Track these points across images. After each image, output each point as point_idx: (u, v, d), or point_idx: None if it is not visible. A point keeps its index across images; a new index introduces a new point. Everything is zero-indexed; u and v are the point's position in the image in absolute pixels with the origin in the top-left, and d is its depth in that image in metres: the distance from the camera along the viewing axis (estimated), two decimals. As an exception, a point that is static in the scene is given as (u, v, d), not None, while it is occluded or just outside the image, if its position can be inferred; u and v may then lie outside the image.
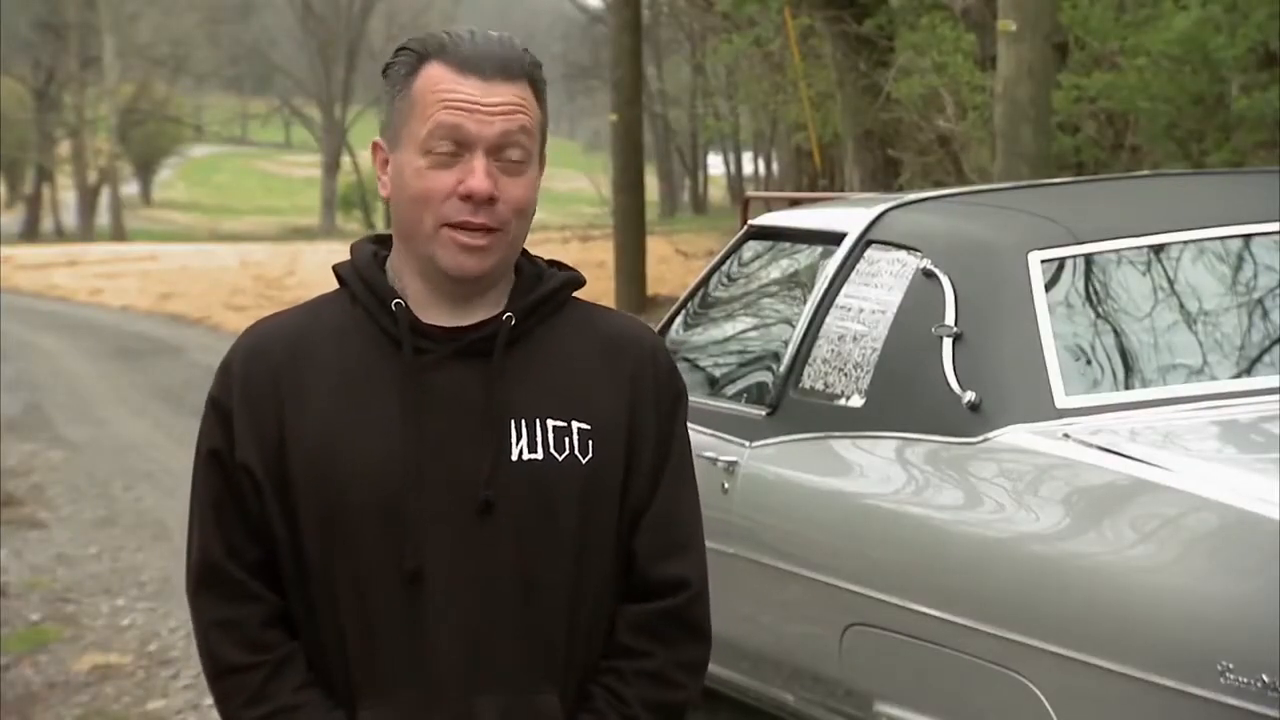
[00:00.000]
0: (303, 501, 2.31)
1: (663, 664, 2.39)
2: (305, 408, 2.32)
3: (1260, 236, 4.42)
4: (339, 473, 2.30)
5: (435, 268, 2.32)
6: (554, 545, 2.32)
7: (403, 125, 2.32)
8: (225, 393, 2.36)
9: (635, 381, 2.40)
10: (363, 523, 2.29)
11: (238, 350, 2.39)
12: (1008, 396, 4.03)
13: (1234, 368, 4.18)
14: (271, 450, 2.32)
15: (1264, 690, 3.12)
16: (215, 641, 2.35)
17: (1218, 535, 3.44)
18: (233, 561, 2.35)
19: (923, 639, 3.98)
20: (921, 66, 13.46)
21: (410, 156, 2.31)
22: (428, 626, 2.29)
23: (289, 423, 2.32)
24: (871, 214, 4.81)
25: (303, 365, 2.33)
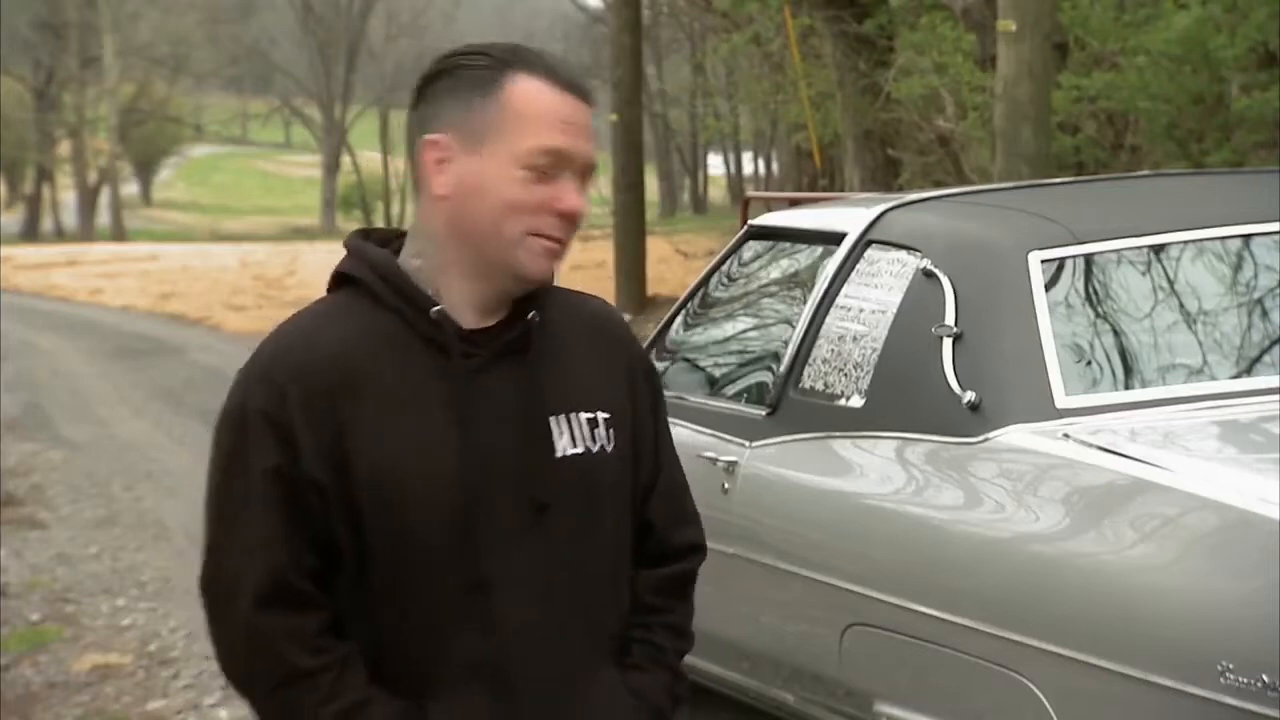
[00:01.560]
0: (369, 516, 2.32)
1: (681, 618, 2.57)
2: (364, 424, 2.32)
3: (1260, 236, 4.42)
4: (405, 488, 2.32)
5: (507, 271, 2.35)
6: (600, 535, 2.42)
7: (491, 132, 2.32)
8: (277, 407, 2.32)
9: (627, 361, 2.51)
10: (430, 535, 2.33)
11: (280, 364, 2.35)
12: (1008, 396, 4.03)
13: (1234, 368, 4.18)
14: (336, 466, 2.31)
15: (1264, 690, 3.12)
16: (286, 650, 2.32)
17: (1218, 535, 3.43)
18: (298, 574, 2.33)
19: (923, 639, 3.98)
20: (921, 66, 13.46)
21: (503, 166, 2.32)
22: (494, 625, 2.35)
23: (350, 439, 2.31)
24: (871, 214, 4.81)
25: (356, 381, 2.33)
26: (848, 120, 15.17)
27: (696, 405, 5.08)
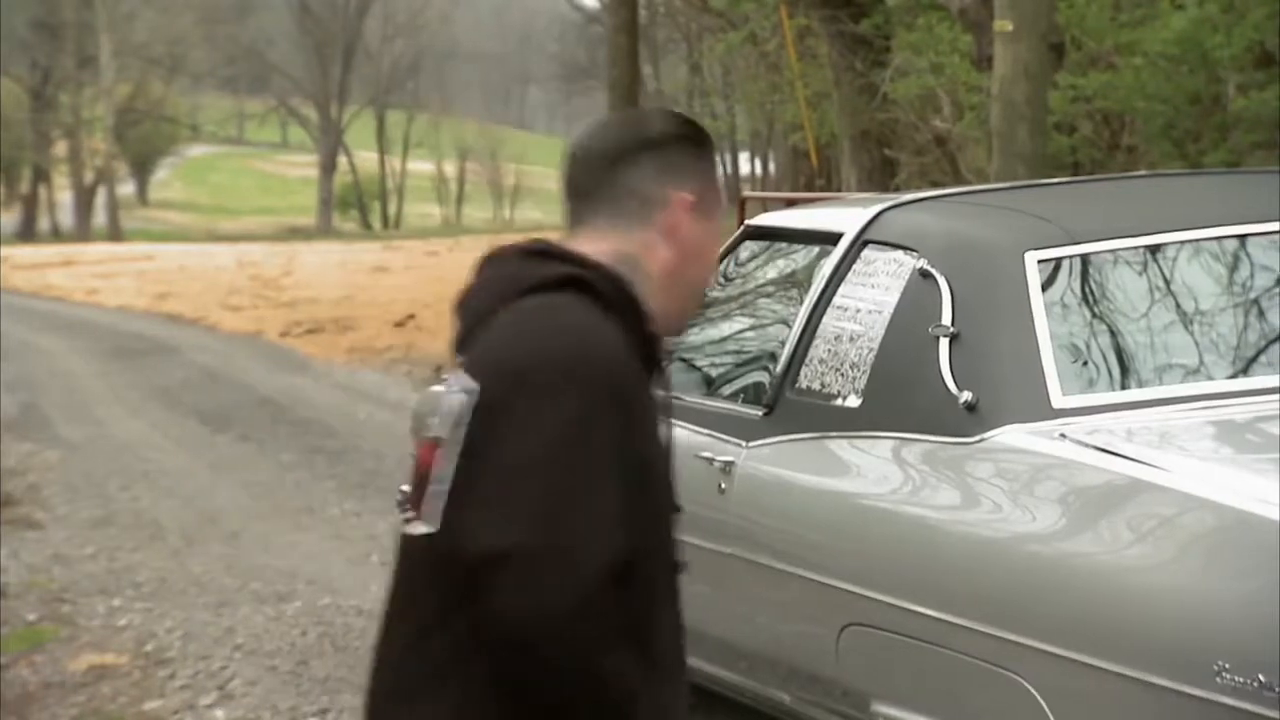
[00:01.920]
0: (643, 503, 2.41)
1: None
2: (639, 416, 2.43)
3: (1257, 236, 4.42)
4: (659, 480, 2.48)
5: (681, 320, 2.64)
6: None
7: (716, 210, 2.60)
8: (614, 386, 2.37)
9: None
10: (665, 522, 2.50)
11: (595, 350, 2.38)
12: (1004, 396, 4.03)
13: (1230, 368, 4.18)
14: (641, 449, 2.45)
15: (1260, 690, 3.12)
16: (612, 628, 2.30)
17: (1214, 535, 3.44)
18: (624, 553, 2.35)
19: (919, 639, 3.98)
20: (918, 66, 13.47)
21: (715, 242, 2.62)
22: (678, 610, 2.53)
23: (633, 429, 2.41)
24: (868, 214, 4.81)
25: (634, 377, 2.44)
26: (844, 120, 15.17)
27: (693, 405, 5.08)
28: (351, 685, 6.39)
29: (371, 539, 8.92)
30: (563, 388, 2.34)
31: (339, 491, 10.28)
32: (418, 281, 26.23)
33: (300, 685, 6.43)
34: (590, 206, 2.52)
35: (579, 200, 2.54)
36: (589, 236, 2.52)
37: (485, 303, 2.48)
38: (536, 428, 2.33)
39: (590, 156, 2.54)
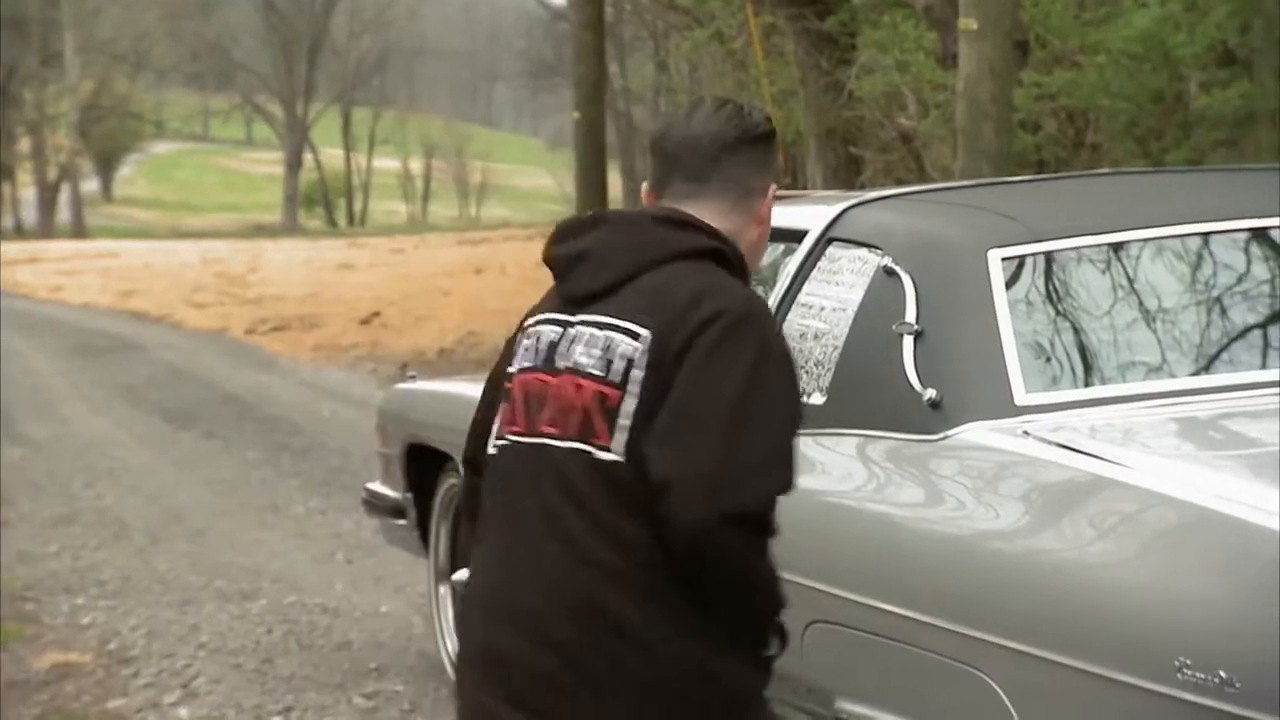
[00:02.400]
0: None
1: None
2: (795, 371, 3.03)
3: (1219, 234, 4.44)
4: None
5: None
6: None
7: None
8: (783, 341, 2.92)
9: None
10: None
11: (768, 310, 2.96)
12: (968, 394, 4.04)
13: (1193, 365, 4.19)
14: None
15: (1221, 686, 3.13)
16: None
17: (1177, 532, 3.45)
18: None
19: (884, 636, 3.98)
20: (883, 64, 13.49)
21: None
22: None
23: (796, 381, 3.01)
24: (833, 211, 4.82)
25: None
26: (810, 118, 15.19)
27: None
28: (316, 683, 6.39)
29: (336, 536, 8.91)
30: (748, 339, 2.74)
31: (304, 489, 10.27)
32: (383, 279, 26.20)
33: (265, 683, 6.42)
34: (700, 186, 2.90)
35: (687, 180, 2.91)
36: (697, 210, 2.90)
37: (631, 262, 2.82)
38: (728, 372, 2.70)
39: (700, 144, 2.91)
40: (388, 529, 6.80)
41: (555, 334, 2.89)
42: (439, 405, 6.50)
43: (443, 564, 6.31)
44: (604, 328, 2.80)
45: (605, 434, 2.77)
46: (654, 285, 2.80)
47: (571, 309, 2.87)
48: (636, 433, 2.74)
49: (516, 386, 2.91)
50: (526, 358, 2.93)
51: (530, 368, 2.90)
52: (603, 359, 2.79)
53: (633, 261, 2.84)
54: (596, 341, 2.80)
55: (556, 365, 2.85)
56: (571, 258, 2.90)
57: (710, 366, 2.71)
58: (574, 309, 2.87)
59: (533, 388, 2.87)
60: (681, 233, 2.84)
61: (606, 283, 2.83)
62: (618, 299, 2.82)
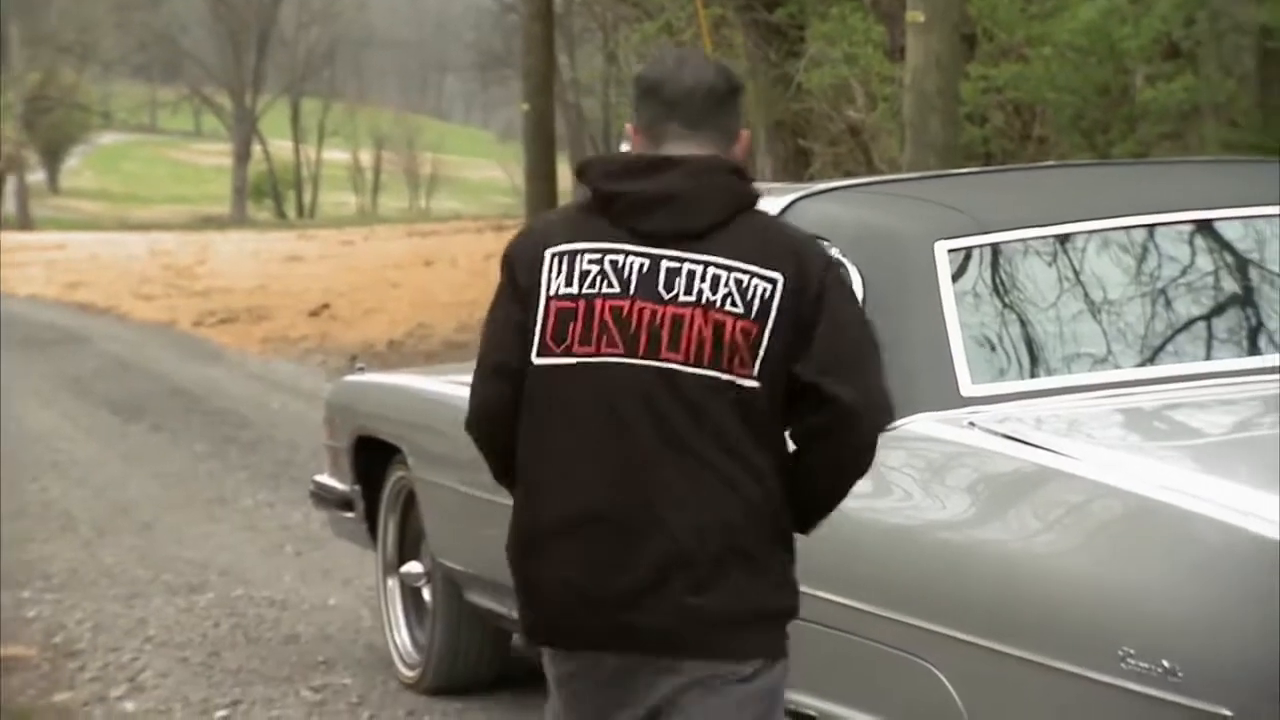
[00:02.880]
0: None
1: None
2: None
3: (1164, 226, 4.47)
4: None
5: None
6: None
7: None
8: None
9: None
10: None
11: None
12: (914, 385, 4.05)
13: (1138, 356, 4.22)
14: None
15: (1164, 675, 3.16)
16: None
17: (1121, 522, 3.47)
18: None
19: (830, 626, 3.99)
20: (832, 57, 13.51)
21: None
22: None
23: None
24: (780, 203, 4.82)
25: None
26: (759, 110, 15.21)
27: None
28: (263, 676, 6.37)
29: (285, 529, 8.88)
30: (849, 279, 3.44)
31: (252, 482, 10.23)
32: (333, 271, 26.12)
33: (212, 677, 6.39)
34: (694, 132, 3.16)
35: (684, 125, 3.17)
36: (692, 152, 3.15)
37: (722, 207, 3.12)
38: (858, 312, 3.22)
39: (696, 93, 3.18)
40: (336, 521, 6.79)
41: (642, 264, 3.09)
42: (387, 397, 6.48)
43: (391, 556, 6.30)
44: (728, 269, 3.08)
45: (749, 364, 3.07)
46: (751, 231, 3.12)
47: (657, 243, 3.10)
48: (773, 364, 3.07)
49: (592, 309, 3.10)
50: (601, 284, 3.10)
51: (616, 294, 3.09)
52: (741, 297, 3.07)
53: (724, 206, 3.11)
54: (725, 280, 3.08)
55: (664, 296, 3.08)
56: (654, 197, 3.10)
57: (846, 309, 3.16)
58: (662, 244, 3.10)
59: (628, 313, 3.08)
60: (746, 184, 3.17)
61: (704, 225, 3.10)
62: (718, 242, 3.09)
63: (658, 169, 3.13)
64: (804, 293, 3.09)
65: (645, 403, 3.07)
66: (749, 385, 3.07)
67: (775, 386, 3.08)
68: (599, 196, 3.15)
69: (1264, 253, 4.45)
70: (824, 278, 3.12)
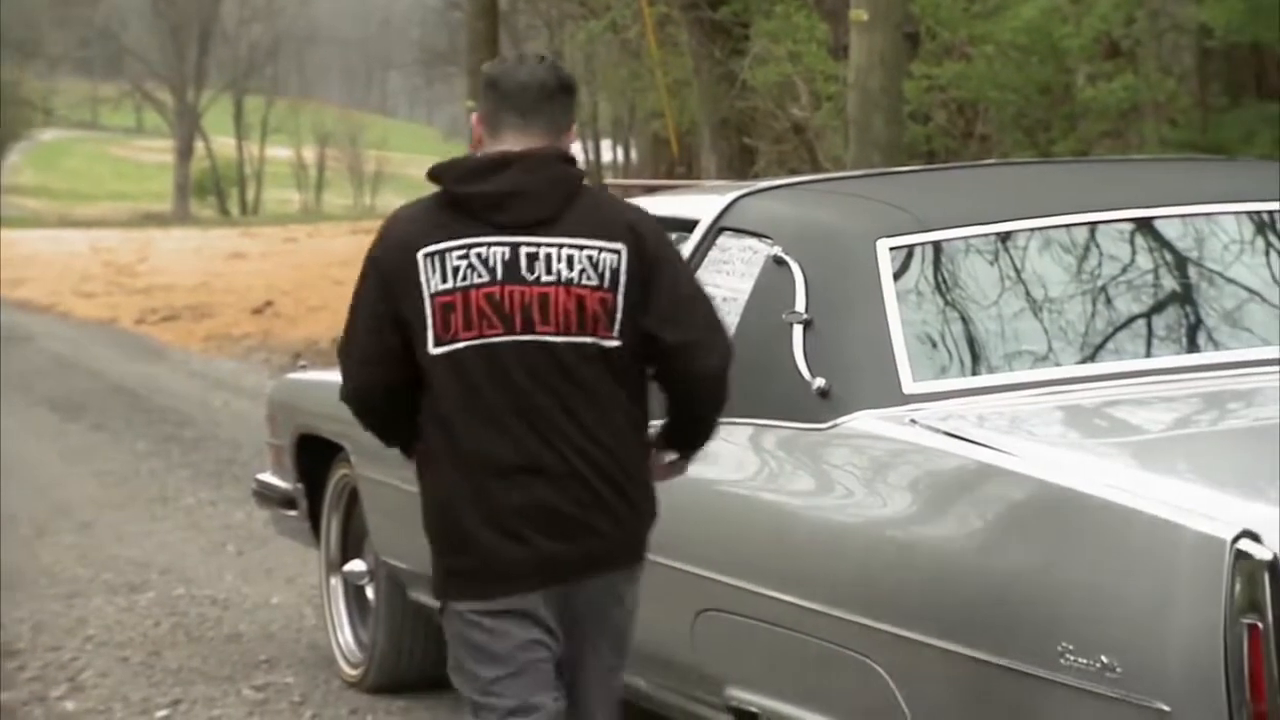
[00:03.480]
0: None
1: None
2: None
3: (1104, 225, 4.49)
4: None
5: None
6: None
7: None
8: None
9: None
10: None
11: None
12: (856, 382, 4.06)
13: (1079, 353, 4.24)
14: None
15: (1103, 671, 3.18)
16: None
17: (1062, 519, 3.48)
18: None
19: (774, 624, 4.01)
20: (776, 55, 13.54)
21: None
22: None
23: None
24: (724, 201, 4.83)
25: None
26: (704, 108, 15.24)
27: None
28: (205, 675, 6.34)
29: (227, 528, 8.84)
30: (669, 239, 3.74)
31: (194, 480, 10.18)
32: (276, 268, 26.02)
33: (152, 676, 6.36)
34: (528, 122, 3.61)
35: (518, 116, 3.61)
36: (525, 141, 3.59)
37: (562, 194, 3.59)
38: (684, 270, 3.73)
39: (529, 89, 3.62)
40: (279, 520, 6.76)
41: (504, 253, 3.57)
42: (330, 395, 6.44)
43: (334, 555, 6.27)
44: (579, 247, 3.57)
45: (609, 327, 3.58)
46: (591, 210, 3.62)
47: (512, 233, 3.57)
48: (627, 322, 3.59)
49: (469, 299, 3.56)
50: (472, 276, 3.57)
51: (486, 282, 3.56)
52: (594, 270, 3.57)
53: (563, 194, 3.60)
54: (579, 259, 3.58)
55: (528, 278, 3.56)
56: (503, 194, 3.57)
57: (674, 266, 3.66)
58: (516, 233, 3.57)
59: (500, 297, 3.56)
60: (574, 168, 3.65)
61: (548, 212, 3.57)
62: (564, 224, 3.58)
63: (500, 168, 3.59)
64: (642, 258, 3.59)
65: (530, 370, 3.56)
66: (612, 344, 3.59)
67: (631, 340, 3.60)
68: (455, 198, 3.59)
69: (1203, 251, 4.48)
70: (656, 243, 3.64)
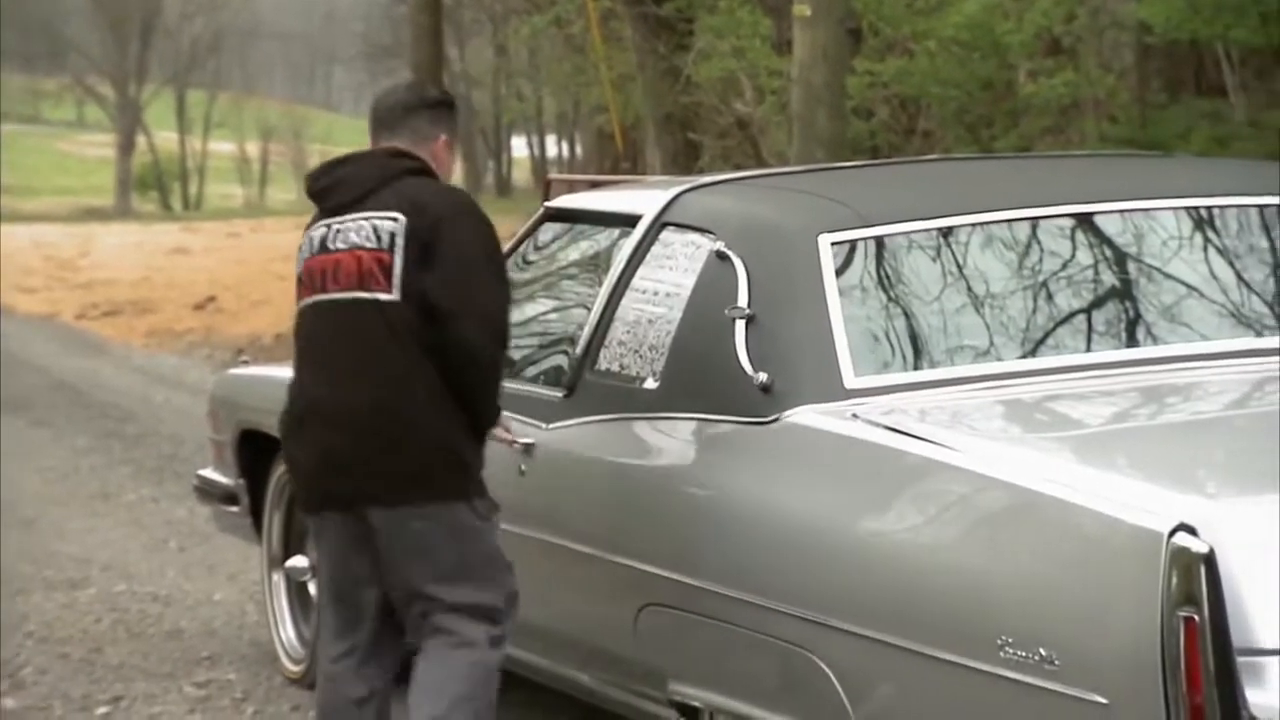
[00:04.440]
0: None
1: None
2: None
3: (1045, 220, 4.51)
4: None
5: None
6: None
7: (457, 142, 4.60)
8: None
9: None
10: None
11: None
12: (798, 377, 4.07)
13: (1020, 348, 4.26)
14: None
15: (1041, 664, 3.20)
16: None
17: (1002, 513, 3.50)
18: None
19: (715, 618, 4.02)
20: (720, 50, 13.56)
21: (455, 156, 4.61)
22: None
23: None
24: (667, 196, 4.83)
25: None
26: (649, 103, 15.25)
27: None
28: (146, 672, 6.31)
29: (169, 524, 8.79)
30: (474, 214, 4.27)
31: (136, 476, 10.12)
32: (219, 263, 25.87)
33: (93, 673, 6.32)
34: (394, 133, 4.38)
35: (388, 129, 4.39)
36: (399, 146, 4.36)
37: (372, 179, 4.28)
38: (470, 238, 4.21)
39: (395, 107, 4.42)
40: (220, 516, 6.73)
41: (324, 231, 4.29)
42: (272, 390, 6.41)
43: (276, 551, 6.25)
44: (368, 219, 4.22)
45: (385, 284, 4.18)
46: (396, 191, 4.25)
47: (333, 216, 4.29)
48: (407, 283, 4.15)
49: (305, 271, 4.31)
50: (307, 251, 4.33)
51: (311, 256, 4.31)
52: (374, 236, 4.20)
53: (374, 179, 4.28)
54: (364, 228, 4.22)
55: (331, 248, 4.26)
56: (331, 185, 4.33)
57: (461, 241, 4.19)
58: (335, 215, 4.28)
59: (317, 266, 4.28)
60: (399, 160, 4.32)
61: (357, 195, 4.27)
62: (368, 204, 4.24)
63: (337, 166, 4.38)
64: (421, 228, 4.16)
65: (329, 325, 4.25)
66: (388, 299, 4.16)
67: (414, 301, 4.14)
68: (308, 193, 4.39)
69: (1143, 246, 4.50)
70: (441, 217, 4.19)
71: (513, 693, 5.11)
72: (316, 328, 4.27)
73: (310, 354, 4.30)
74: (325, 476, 4.23)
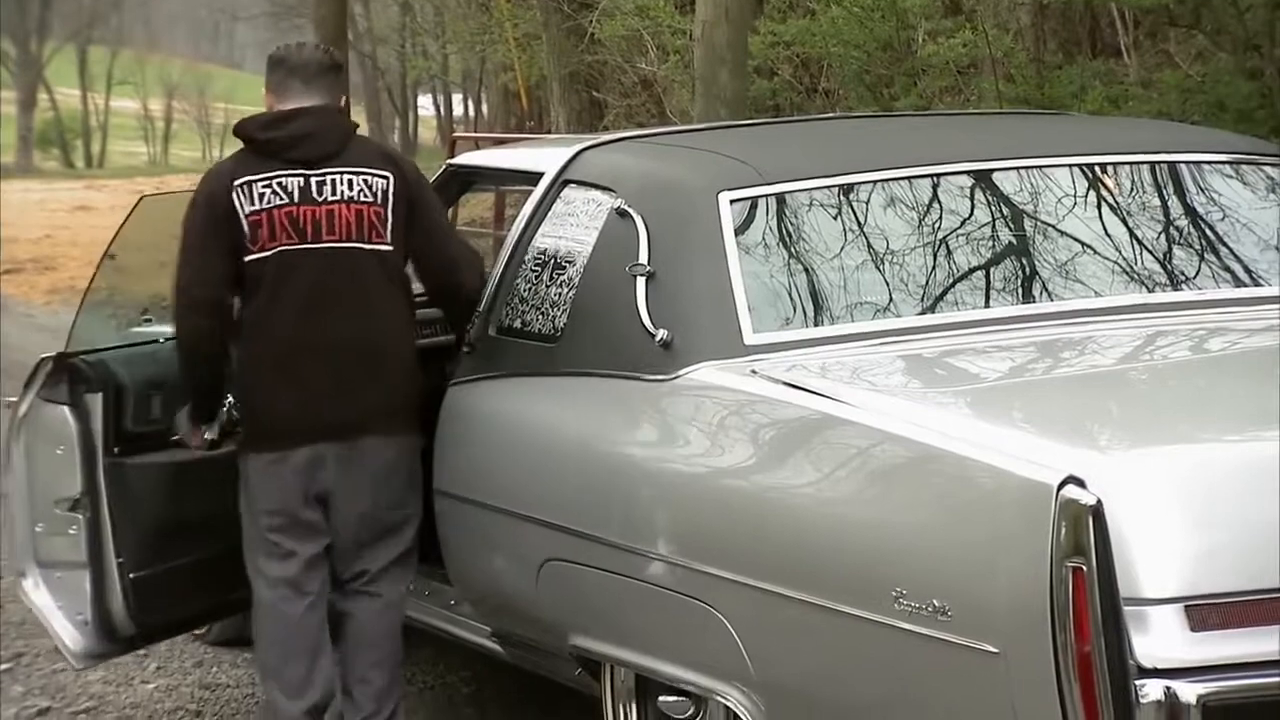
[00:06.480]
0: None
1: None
2: None
3: (944, 177, 4.55)
4: None
5: None
6: None
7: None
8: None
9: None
10: None
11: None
12: (698, 334, 4.09)
13: (919, 304, 4.29)
14: None
15: (934, 614, 3.24)
16: None
17: (899, 468, 3.53)
18: None
19: (615, 572, 4.04)
20: (624, 9, 13.54)
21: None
22: None
23: None
24: (568, 154, 4.84)
25: None
26: (553, 62, 15.20)
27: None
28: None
29: (71, 484, 8.70)
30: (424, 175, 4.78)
31: (37, 436, 9.99)
32: (122, 221, 25.55)
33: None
34: (309, 90, 4.63)
35: (303, 85, 4.63)
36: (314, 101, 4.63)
37: (341, 136, 4.63)
38: (434, 198, 4.80)
39: (310, 65, 4.66)
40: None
41: (300, 182, 4.54)
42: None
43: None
44: (357, 174, 4.56)
45: (383, 235, 4.58)
46: (363, 149, 4.67)
47: (305, 167, 4.54)
48: (398, 232, 4.58)
49: (272, 217, 4.53)
50: (275, 199, 4.53)
51: (284, 204, 4.52)
52: (369, 190, 4.55)
53: (342, 136, 4.64)
54: (355, 182, 4.55)
55: (318, 199, 4.54)
56: (297, 136, 4.57)
57: (429, 196, 4.73)
58: (309, 167, 4.55)
59: (296, 215, 4.53)
60: (348, 120, 4.74)
61: (330, 149, 4.58)
62: (344, 159, 4.58)
63: (293, 118, 4.59)
64: (406, 184, 4.61)
65: (318, 271, 4.52)
66: (385, 249, 4.57)
67: (403, 249, 4.60)
68: (258, 143, 4.59)
69: (1039, 203, 4.54)
70: (415, 175, 4.68)
71: (421, 649, 5.12)
72: (303, 273, 4.52)
73: (290, 298, 4.52)
74: (324, 406, 4.52)
